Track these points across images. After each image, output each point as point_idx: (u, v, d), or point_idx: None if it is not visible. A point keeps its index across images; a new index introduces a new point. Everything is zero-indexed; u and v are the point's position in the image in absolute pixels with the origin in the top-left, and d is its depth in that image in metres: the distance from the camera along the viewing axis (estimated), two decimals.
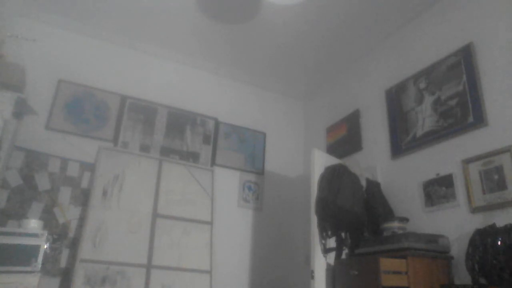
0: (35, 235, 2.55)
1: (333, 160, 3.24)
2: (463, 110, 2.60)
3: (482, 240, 2.08)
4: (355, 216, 2.75)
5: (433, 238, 2.37)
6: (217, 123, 4.04)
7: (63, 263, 2.99)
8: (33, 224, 2.71)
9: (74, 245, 3.03)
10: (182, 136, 3.83)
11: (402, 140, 3.05)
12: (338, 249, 2.84)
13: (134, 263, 3.06)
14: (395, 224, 2.57)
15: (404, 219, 2.63)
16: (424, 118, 2.89)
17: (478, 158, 2.42)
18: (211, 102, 4.09)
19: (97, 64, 3.66)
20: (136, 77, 3.80)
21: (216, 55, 3.99)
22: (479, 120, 2.47)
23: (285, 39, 3.64)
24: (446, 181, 2.60)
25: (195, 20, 3.47)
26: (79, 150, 3.34)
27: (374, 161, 3.29)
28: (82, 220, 3.10)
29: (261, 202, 3.98)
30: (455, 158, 2.58)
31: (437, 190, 2.64)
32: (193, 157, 3.81)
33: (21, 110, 2.80)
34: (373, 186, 3.01)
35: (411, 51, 3.19)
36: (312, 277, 2.66)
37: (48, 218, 3.01)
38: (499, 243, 1.99)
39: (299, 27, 3.46)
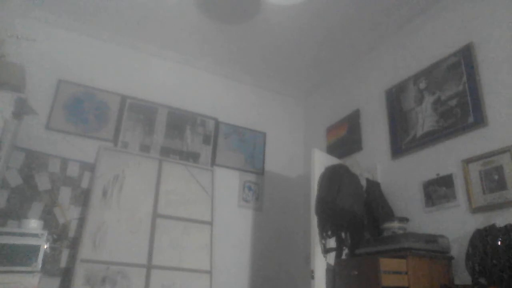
0: (35, 235, 2.56)
1: (333, 160, 3.24)
2: (463, 110, 2.60)
3: (482, 240, 2.08)
4: (355, 216, 2.74)
5: (433, 238, 2.37)
6: (217, 123, 4.04)
7: (63, 263, 2.99)
8: (33, 224, 2.72)
9: (74, 245, 3.03)
10: (182, 136, 3.83)
11: (402, 140, 3.05)
12: (338, 249, 2.84)
13: (134, 263, 3.06)
14: (395, 224, 2.57)
15: (404, 219, 2.63)
16: (424, 118, 2.89)
17: (478, 158, 2.42)
18: (211, 102, 4.09)
19: (97, 64, 3.66)
20: (136, 77, 3.80)
21: (216, 55, 3.99)
22: (479, 120, 2.47)
23: (285, 39, 3.64)
24: (446, 181, 2.59)
25: (195, 20, 3.47)
26: (79, 150, 3.34)
27: (374, 161, 3.29)
28: (82, 220, 3.10)
29: (261, 202, 3.98)
30: (455, 158, 2.58)
31: (437, 190, 2.64)
32: (193, 157, 3.81)
33: (21, 110, 2.80)
34: (373, 186, 3.01)
35: (411, 51, 3.19)
36: (312, 277, 2.66)
37: (48, 218, 3.01)
38: (499, 243, 1.99)
39: (299, 27, 3.46)
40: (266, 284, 3.72)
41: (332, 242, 2.88)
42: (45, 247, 2.55)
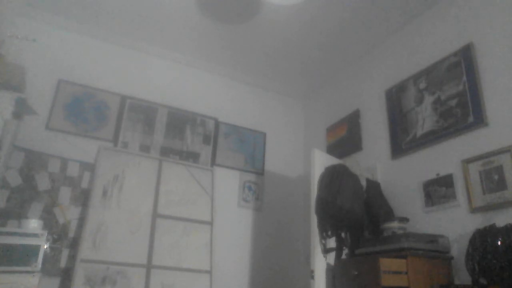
0: (35, 235, 2.56)
1: (333, 160, 3.24)
2: (463, 110, 2.60)
3: (482, 240, 2.08)
4: (355, 216, 2.75)
5: (433, 238, 2.37)
6: (217, 123, 4.04)
7: (63, 263, 2.99)
8: (33, 224, 2.72)
9: (74, 245, 3.03)
10: (182, 136, 3.83)
11: (402, 140, 3.05)
12: (338, 249, 2.84)
13: (134, 263, 3.06)
14: (395, 224, 2.57)
15: (404, 219, 2.63)
16: (424, 118, 2.89)
17: (478, 158, 2.42)
18: (211, 102, 4.09)
19: (97, 64, 3.66)
20: (136, 77, 3.80)
21: (216, 55, 3.99)
22: (479, 120, 2.47)
23: (285, 39, 3.64)
24: (446, 181, 2.60)
25: (195, 20, 3.47)
26: (79, 150, 3.34)
27: (374, 161, 3.29)
28: (82, 220, 3.10)
29: (261, 202, 3.98)
30: (455, 158, 2.58)
31: (437, 190, 2.64)
32: (193, 157, 3.81)
33: (21, 110, 2.80)
34: (373, 186, 3.01)
35: (411, 51, 3.19)
36: (312, 277, 2.66)
37: (48, 218, 3.01)
38: (499, 243, 1.99)
39: (299, 27, 3.46)
40: (266, 284, 3.72)
41: (332, 242, 2.88)
42: (45, 247, 2.55)
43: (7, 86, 2.67)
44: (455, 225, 2.46)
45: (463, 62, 2.67)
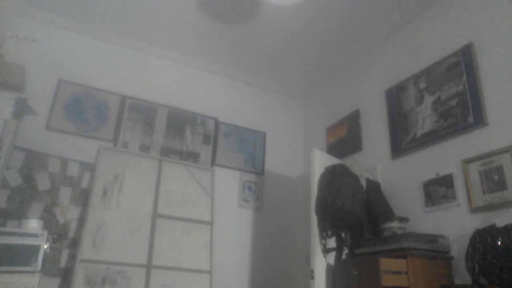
0: (35, 235, 2.56)
1: (333, 160, 3.24)
2: (463, 110, 2.60)
3: (482, 240, 2.08)
4: (355, 216, 2.74)
5: (433, 238, 2.37)
6: (217, 123, 4.04)
7: (63, 263, 2.99)
8: (33, 224, 2.71)
9: (74, 245, 3.03)
10: (182, 136, 3.83)
11: (402, 140, 3.05)
12: (338, 249, 2.84)
13: (134, 263, 3.06)
14: (395, 224, 2.57)
15: (404, 219, 2.63)
16: (424, 118, 2.89)
17: (478, 158, 2.42)
18: (211, 102, 4.09)
19: (97, 64, 3.66)
20: (136, 77, 3.80)
21: (216, 55, 3.99)
22: (479, 120, 2.47)
23: (285, 39, 3.64)
24: (446, 181, 2.60)
25: (195, 20, 3.47)
26: (79, 150, 3.34)
27: (374, 161, 3.29)
28: (82, 220, 3.10)
29: (261, 202, 3.98)
30: (455, 158, 2.58)
31: (437, 190, 2.64)
32: (193, 157, 3.81)
33: (21, 110, 2.80)
34: (373, 186, 3.01)
35: (411, 51, 3.19)
36: (312, 277, 2.66)
37: (48, 218, 3.01)
38: (499, 243, 1.99)
39: (299, 27, 3.46)
40: (266, 284, 3.72)
41: (332, 242, 2.88)
42: (45, 247, 2.55)
43: (7, 86, 2.67)
44: (455, 225, 2.46)
45: (463, 62, 2.67)
